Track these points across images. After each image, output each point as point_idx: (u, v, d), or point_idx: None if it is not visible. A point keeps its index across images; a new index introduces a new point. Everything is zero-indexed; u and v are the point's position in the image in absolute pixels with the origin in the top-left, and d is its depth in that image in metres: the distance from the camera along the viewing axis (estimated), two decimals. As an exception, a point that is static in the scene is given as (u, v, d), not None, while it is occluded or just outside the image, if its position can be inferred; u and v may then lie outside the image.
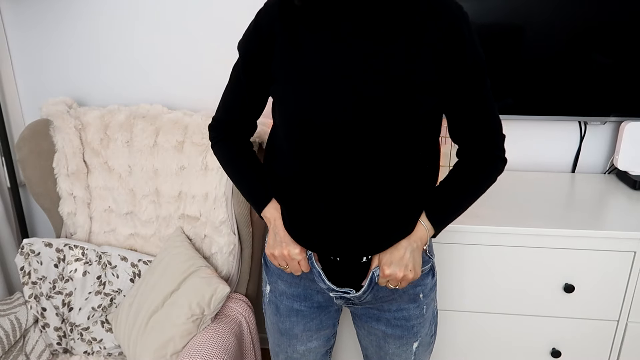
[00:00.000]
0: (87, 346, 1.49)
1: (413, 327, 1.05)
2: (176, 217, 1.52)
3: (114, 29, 1.64)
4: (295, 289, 1.05)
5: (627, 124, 1.50)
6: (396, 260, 0.93)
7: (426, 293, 1.05)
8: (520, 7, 1.43)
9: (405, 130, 0.86)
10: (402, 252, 0.94)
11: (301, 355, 1.12)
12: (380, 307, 1.04)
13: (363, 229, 0.92)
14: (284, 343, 1.11)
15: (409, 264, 0.94)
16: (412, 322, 1.05)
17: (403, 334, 1.05)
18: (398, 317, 1.04)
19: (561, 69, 1.47)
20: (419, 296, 1.04)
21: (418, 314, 1.05)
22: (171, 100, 1.69)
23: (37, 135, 1.50)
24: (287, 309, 1.07)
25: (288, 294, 1.06)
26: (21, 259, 1.47)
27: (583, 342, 1.37)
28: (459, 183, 0.97)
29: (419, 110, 0.85)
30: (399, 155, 0.88)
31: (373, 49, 0.83)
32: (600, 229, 1.26)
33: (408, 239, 0.95)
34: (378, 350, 1.11)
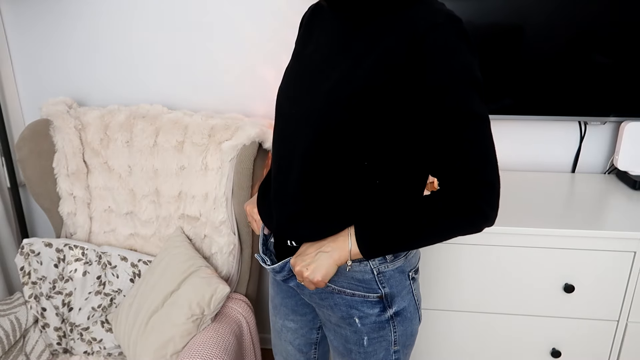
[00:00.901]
0: (87, 346, 1.49)
1: (352, 352, 0.98)
2: (176, 217, 1.52)
3: (114, 29, 1.64)
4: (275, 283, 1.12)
5: (627, 124, 1.50)
6: (303, 253, 0.89)
7: (366, 323, 0.95)
8: (520, 7, 1.43)
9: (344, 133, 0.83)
10: (312, 249, 0.89)
11: (280, 329, 1.15)
12: (323, 313, 1.01)
13: (292, 213, 0.93)
14: (271, 310, 1.17)
15: (310, 264, 0.86)
16: (350, 345, 0.98)
17: (344, 353, 1.00)
18: (338, 332, 0.99)
19: (561, 69, 1.47)
20: (354, 320, 0.95)
21: (356, 340, 0.97)
22: (171, 100, 1.69)
23: (37, 135, 1.50)
24: (272, 276, 1.13)
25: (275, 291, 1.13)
26: (21, 259, 1.47)
27: (583, 342, 1.37)
28: (416, 213, 0.83)
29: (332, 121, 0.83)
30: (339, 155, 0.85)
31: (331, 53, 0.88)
32: (600, 229, 1.26)
33: (328, 241, 0.88)
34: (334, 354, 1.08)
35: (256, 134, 1.42)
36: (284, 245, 0.99)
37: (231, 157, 1.42)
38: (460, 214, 0.80)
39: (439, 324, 1.41)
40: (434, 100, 0.77)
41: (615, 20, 1.41)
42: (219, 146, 1.46)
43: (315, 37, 0.94)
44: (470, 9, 1.43)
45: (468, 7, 1.43)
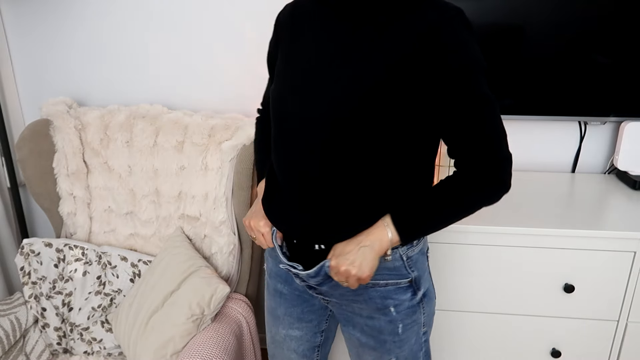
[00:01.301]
0: (87, 346, 1.49)
1: (386, 343, 0.99)
2: (176, 217, 1.52)
3: (114, 29, 1.64)
4: (278, 270, 1.08)
5: (627, 124, 1.50)
6: (344, 253, 0.90)
7: (400, 310, 0.97)
8: (520, 7, 1.43)
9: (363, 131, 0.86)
10: (351, 246, 0.89)
11: (283, 339, 1.13)
12: (352, 309, 1.00)
13: (317, 216, 0.93)
14: (270, 322, 1.15)
15: (356, 261, 0.87)
16: (384, 336, 0.99)
17: (376, 346, 1.01)
18: (370, 326, 0.99)
19: (561, 69, 1.47)
20: (390, 309, 0.97)
21: (391, 330, 0.98)
22: (171, 100, 1.69)
23: (37, 135, 1.50)
24: (273, 288, 1.11)
25: (273, 273, 1.10)
26: (21, 259, 1.47)
27: (583, 342, 1.37)
28: (443, 194, 0.89)
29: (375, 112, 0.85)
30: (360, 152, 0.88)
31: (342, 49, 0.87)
32: (600, 229, 1.26)
33: (365, 235, 0.89)
34: (357, 358, 1.08)
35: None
36: (307, 251, 0.97)
37: (231, 157, 1.42)
38: (487, 188, 0.88)
39: (439, 324, 1.41)
40: (456, 86, 0.83)
41: (615, 20, 1.41)
42: (219, 146, 1.46)
43: (310, 38, 0.91)
44: (470, 9, 1.43)
45: (468, 7, 1.43)
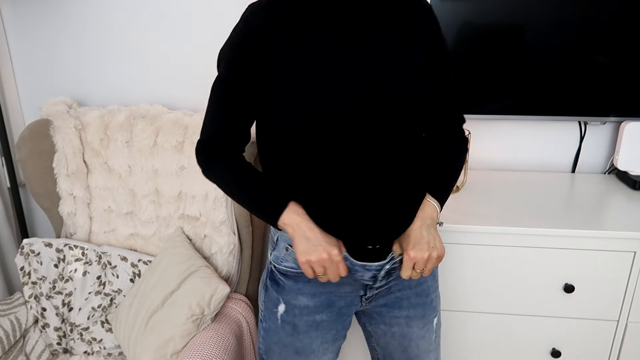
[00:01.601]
0: (87, 346, 1.49)
1: (432, 302, 1.07)
2: (176, 217, 1.52)
3: (114, 29, 1.64)
4: (319, 299, 1.00)
5: (627, 124, 1.50)
6: (417, 241, 0.92)
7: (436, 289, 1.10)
8: (520, 7, 1.43)
9: (411, 115, 0.93)
10: (418, 232, 0.93)
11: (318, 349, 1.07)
12: (402, 285, 1.04)
13: (382, 211, 0.93)
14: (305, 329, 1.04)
15: (430, 242, 0.92)
16: (430, 296, 1.07)
17: (425, 312, 1.06)
18: (419, 293, 1.05)
19: (561, 69, 1.47)
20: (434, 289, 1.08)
21: (434, 285, 1.08)
22: (171, 100, 1.69)
23: (37, 135, 1.50)
24: (306, 324, 1.01)
25: (310, 308, 1.01)
26: (21, 259, 1.47)
27: (583, 342, 1.37)
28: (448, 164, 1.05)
29: (420, 95, 0.94)
30: (406, 138, 0.94)
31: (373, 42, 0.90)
32: (600, 229, 1.26)
33: (420, 219, 0.95)
34: (402, 340, 1.08)
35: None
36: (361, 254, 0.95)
37: (231, 157, 1.42)
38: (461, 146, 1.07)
39: (439, 324, 1.41)
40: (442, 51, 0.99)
41: (615, 20, 1.41)
42: (219, 146, 1.46)
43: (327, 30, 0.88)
44: (470, 9, 1.43)
45: (468, 7, 1.43)
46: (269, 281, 1.05)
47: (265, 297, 1.07)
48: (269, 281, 1.05)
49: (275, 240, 1.02)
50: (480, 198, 1.44)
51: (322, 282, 0.95)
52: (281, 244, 1.01)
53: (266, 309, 1.07)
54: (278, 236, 1.01)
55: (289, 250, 0.99)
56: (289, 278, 1.01)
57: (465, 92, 1.52)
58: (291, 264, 1.00)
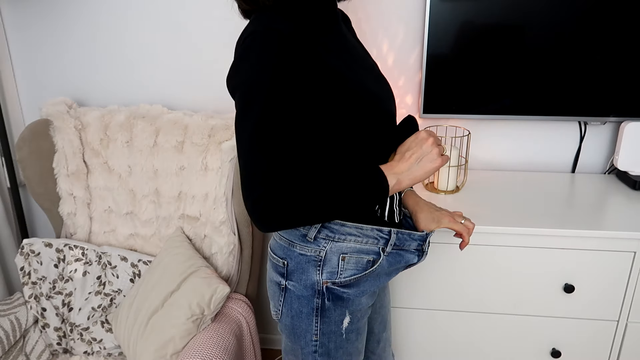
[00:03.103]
0: (87, 346, 1.49)
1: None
2: (176, 217, 1.52)
3: (114, 29, 1.64)
4: (372, 296, 1.02)
5: (627, 124, 1.50)
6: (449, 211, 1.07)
7: None
8: (519, 7, 1.43)
9: None
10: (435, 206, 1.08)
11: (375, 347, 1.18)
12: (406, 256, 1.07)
13: None
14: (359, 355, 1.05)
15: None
16: None
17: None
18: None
19: (561, 69, 1.47)
20: None
21: None
22: (171, 100, 1.69)
23: (37, 135, 1.50)
24: (364, 322, 1.02)
25: (369, 305, 1.02)
26: (21, 259, 1.47)
27: (583, 342, 1.37)
28: None
29: None
30: None
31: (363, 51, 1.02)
32: (600, 229, 1.26)
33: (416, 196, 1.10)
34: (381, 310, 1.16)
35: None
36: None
37: (231, 157, 1.42)
38: None
39: (439, 324, 1.41)
40: None
41: (615, 20, 1.41)
42: (219, 146, 1.46)
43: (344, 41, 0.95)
44: (470, 9, 1.43)
45: (468, 7, 1.43)
46: (328, 302, 0.96)
47: (322, 324, 0.97)
48: (327, 302, 0.96)
49: (322, 258, 0.94)
50: (480, 198, 1.44)
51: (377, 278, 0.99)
52: (333, 258, 0.94)
53: (324, 334, 0.98)
54: (325, 252, 0.93)
55: (346, 259, 0.94)
56: (351, 286, 0.95)
57: (465, 92, 1.52)
58: (352, 270, 0.94)
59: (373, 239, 0.94)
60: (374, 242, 0.95)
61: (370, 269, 0.95)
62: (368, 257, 0.95)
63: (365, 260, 0.95)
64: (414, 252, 1.02)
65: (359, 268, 0.95)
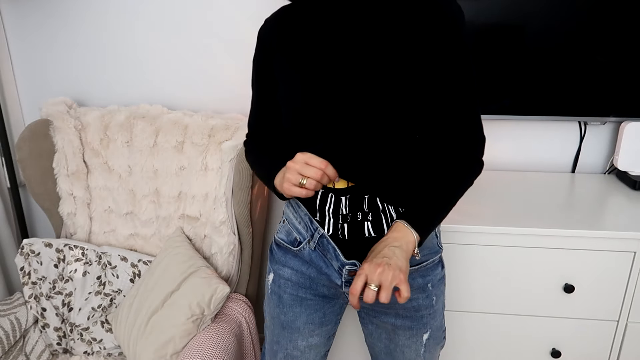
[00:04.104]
0: (87, 346, 1.49)
1: (423, 318, 1.04)
2: (176, 218, 1.52)
3: (113, 29, 1.64)
4: (301, 277, 1.04)
5: (627, 124, 1.50)
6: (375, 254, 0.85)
7: (435, 284, 1.04)
8: (519, 7, 1.43)
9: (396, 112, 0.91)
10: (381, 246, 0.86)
11: (301, 353, 1.10)
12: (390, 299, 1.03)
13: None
14: (284, 338, 1.09)
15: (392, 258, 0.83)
16: (421, 312, 1.04)
17: (412, 325, 1.04)
18: (407, 308, 1.03)
19: (561, 69, 1.47)
20: (428, 286, 1.03)
21: (427, 304, 1.04)
22: (171, 100, 1.69)
23: (37, 135, 1.50)
24: (291, 298, 1.06)
25: (293, 281, 1.05)
26: (21, 259, 1.47)
27: (583, 342, 1.37)
28: (442, 191, 0.94)
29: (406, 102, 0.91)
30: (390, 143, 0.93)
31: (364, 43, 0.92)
32: (600, 229, 1.26)
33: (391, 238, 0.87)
34: (388, 344, 1.09)
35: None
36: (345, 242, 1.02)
37: (231, 157, 1.42)
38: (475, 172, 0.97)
39: (439, 324, 1.41)
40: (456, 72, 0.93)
41: (615, 20, 1.41)
42: (219, 146, 1.46)
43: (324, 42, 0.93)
44: (470, 9, 1.43)
45: (468, 7, 1.43)
46: (269, 251, 1.12)
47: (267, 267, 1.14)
48: (269, 251, 1.13)
49: (282, 214, 1.11)
50: (480, 198, 1.44)
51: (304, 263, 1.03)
52: (283, 217, 1.10)
53: (266, 280, 1.13)
54: (283, 210, 1.10)
55: (284, 223, 1.07)
56: (280, 248, 1.07)
57: (465, 92, 1.52)
58: (283, 235, 1.07)
59: (305, 223, 1.02)
60: (304, 227, 1.02)
61: (295, 248, 1.04)
62: (298, 235, 1.03)
63: (294, 236, 1.04)
64: (338, 274, 0.98)
65: (286, 237, 1.06)
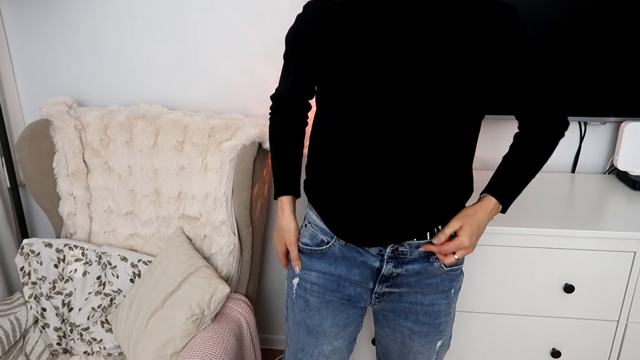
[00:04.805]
0: (87, 346, 1.49)
1: (440, 325, 1.07)
2: (176, 218, 1.52)
3: (114, 29, 1.64)
4: (328, 279, 1.04)
5: (627, 124, 1.50)
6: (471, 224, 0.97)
7: (456, 291, 1.08)
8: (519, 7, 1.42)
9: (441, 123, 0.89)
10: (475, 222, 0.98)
11: (327, 357, 1.10)
12: (414, 299, 1.04)
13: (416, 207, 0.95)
14: (309, 344, 1.09)
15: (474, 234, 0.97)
16: (440, 319, 1.06)
17: (429, 332, 1.06)
18: (428, 313, 1.05)
19: (560, 69, 1.47)
20: (450, 292, 1.06)
21: (446, 311, 1.07)
22: (171, 100, 1.69)
23: (37, 135, 1.50)
24: (317, 301, 1.06)
25: (320, 285, 1.05)
26: (21, 259, 1.47)
27: (583, 342, 1.37)
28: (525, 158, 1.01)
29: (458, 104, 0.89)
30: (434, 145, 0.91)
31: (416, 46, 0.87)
32: (600, 229, 1.26)
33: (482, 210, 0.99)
34: (401, 347, 1.11)
35: (256, 134, 1.42)
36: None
37: (231, 157, 1.42)
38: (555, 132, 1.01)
39: (439, 324, 1.41)
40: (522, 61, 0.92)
41: (615, 20, 1.41)
42: (219, 146, 1.46)
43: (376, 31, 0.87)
44: (470, 9, 1.43)
45: (468, 7, 1.43)
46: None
47: (288, 272, 1.13)
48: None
49: (304, 216, 1.11)
50: (480, 198, 1.44)
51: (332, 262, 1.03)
52: (304, 221, 1.09)
53: (288, 285, 1.13)
54: (306, 213, 1.10)
55: (307, 226, 1.07)
56: (303, 254, 1.07)
57: (465, 92, 1.52)
58: (306, 239, 1.06)
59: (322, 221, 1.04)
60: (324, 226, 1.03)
61: (321, 248, 1.04)
62: (324, 236, 1.03)
63: (319, 238, 1.04)
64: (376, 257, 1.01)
65: (311, 242, 1.05)
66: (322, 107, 0.98)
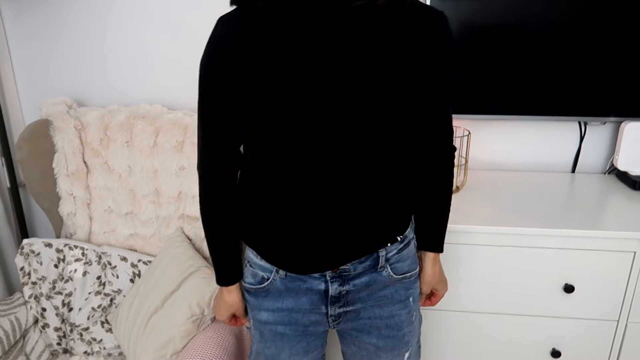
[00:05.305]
0: (87, 346, 1.49)
1: (404, 337, 1.04)
2: (176, 218, 1.52)
3: (113, 29, 1.64)
4: (279, 315, 1.00)
5: (627, 124, 1.50)
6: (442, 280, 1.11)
7: (415, 298, 1.04)
8: (519, 7, 1.43)
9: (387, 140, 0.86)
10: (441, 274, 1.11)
11: None
12: (372, 314, 1.01)
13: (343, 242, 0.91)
14: None
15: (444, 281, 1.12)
16: (403, 330, 1.03)
17: (395, 345, 1.03)
18: (390, 325, 1.01)
19: (561, 69, 1.47)
20: (409, 300, 1.02)
21: (408, 320, 1.03)
22: (171, 100, 1.69)
23: (37, 135, 1.50)
24: (271, 334, 1.02)
25: (271, 322, 1.01)
26: (21, 259, 1.47)
27: (583, 342, 1.37)
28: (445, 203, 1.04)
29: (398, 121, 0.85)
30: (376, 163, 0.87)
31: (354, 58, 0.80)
32: (600, 229, 1.26)
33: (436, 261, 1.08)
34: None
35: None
36: None
37: (231, 157, 1.41)
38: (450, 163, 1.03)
39: (438, 324, 1.41)
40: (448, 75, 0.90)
41: (615, 20, 1.41)
42: (219, 146, 1.46)
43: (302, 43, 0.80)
44: (470, 9, 1.44)
45: (468, 7, 1.43)
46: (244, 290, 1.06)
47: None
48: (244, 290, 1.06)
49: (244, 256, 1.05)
50: (480, 198, 1.44)
51: (277, 298, 0.98)
52: (245, 261, 1.04)
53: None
54: (245, 253, 1.04)
55: (247, 266, 1.02)
56: (250, 294, 1.02)
57: (465, 92, 1.52)
58: (250, 279, 1.01)
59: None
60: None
61: (263, 285, 0.98)
62: (263, 273, 0.98)
63: (260, 275, 0.99)
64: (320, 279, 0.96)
65: (254, 280, 1.00)
66: (250, 130, 0.87)
